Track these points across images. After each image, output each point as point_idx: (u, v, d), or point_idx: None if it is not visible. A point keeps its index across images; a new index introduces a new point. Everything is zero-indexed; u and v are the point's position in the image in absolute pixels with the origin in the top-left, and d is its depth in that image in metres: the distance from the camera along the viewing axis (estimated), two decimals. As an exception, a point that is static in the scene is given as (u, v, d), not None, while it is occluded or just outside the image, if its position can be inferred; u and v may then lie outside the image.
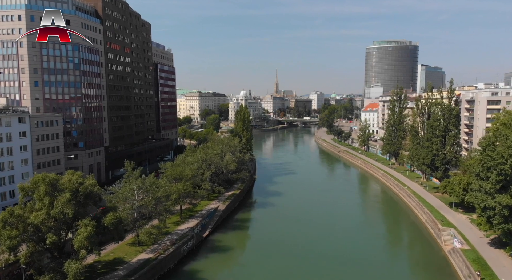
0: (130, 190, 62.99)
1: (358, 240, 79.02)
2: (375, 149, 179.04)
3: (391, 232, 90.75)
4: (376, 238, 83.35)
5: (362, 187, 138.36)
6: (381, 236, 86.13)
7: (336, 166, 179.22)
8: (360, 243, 77.50)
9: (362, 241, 78.91)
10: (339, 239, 79.32)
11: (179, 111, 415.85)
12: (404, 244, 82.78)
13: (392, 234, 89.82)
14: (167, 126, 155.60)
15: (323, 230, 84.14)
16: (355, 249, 74.51)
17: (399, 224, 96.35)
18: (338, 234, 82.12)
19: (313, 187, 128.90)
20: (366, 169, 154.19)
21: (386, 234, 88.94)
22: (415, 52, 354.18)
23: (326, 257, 69.02)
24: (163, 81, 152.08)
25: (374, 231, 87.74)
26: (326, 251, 72.63)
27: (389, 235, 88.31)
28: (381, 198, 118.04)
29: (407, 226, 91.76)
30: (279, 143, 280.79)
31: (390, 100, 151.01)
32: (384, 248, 78.65)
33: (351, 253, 71.86)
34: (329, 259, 68.56)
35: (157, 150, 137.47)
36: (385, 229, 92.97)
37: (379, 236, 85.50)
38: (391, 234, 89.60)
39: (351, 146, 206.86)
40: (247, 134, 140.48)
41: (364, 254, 71.17)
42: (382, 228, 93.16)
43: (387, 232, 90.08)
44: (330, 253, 71.29)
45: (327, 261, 67.66)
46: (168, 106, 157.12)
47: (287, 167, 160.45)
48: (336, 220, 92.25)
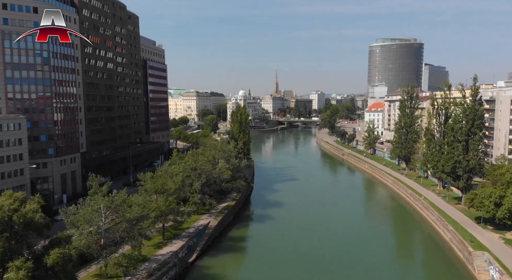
0: (93, 211, 50.75)
1: (372, 263, 66.64)
2: (382, 153, 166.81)
3: (409, 253, 78.33)
4: (393, 260, 71.20)
5: (371, 196, 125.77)
6: (398, 257, 73.98)
7: (341, 171, 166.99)
8: (374, 267, 65.16)
9: (376, 263, 66.60)
10: (350, 263, 66.97)
11: (176, 111, 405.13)
12: (427, 269, 70.19)
13: (411, 255, 77.45)
14: (158, 128, 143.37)
15: (330, 249, 71.90)
16: (369, 274, 62.28)
17: (418, 243, 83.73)
18: (349, 257, 69.73)
19: (317, 195, 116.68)
20: (374, 175, 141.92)
21: (404, 255, 76.54)
22: (420, 50, 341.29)
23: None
24: (153, 79, 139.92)
25: (390, 251, 75.55)
26: (335, 276, 60.53)
27: (408, 257, 75.88)
28: (394, 210, 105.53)
29: (427, 246, 79.14)
30: (279, 144, 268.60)
31: (400, 100, 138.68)
32: (403, 273, 66.32)
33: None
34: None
35: (145, 155, 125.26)
36: (402, 249, 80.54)
37: (396, 257, 73.38)
38: (409, 255, 77.21)
39: (356, 148, 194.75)
40: (245, 137, 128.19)
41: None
42: (399, 248, 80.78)
43: (404, 253, 77.64)
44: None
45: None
46: (158, 106, 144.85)
47: (287, 172, 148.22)
48: (345, 238, 79.85)
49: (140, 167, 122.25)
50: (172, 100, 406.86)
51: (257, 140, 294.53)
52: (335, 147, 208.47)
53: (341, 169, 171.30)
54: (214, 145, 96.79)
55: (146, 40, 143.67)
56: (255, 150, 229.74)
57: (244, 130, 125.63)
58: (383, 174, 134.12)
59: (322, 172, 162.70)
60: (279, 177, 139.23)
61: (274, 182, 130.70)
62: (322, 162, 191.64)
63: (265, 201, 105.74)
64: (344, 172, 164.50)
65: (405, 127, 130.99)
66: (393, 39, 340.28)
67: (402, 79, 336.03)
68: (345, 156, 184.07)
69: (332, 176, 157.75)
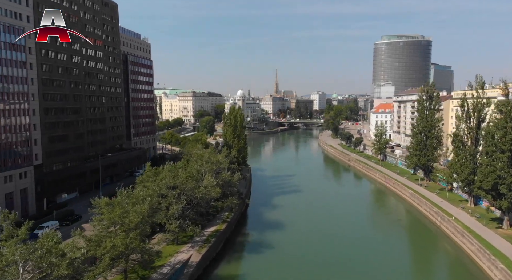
0: (4, 266, 33.80)
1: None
2: (394, 159, 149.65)
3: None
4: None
5: (388, 213, 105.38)
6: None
7: (349, 180, 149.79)
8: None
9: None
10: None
11: (171, 112, 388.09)
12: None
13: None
14: (142, 132, 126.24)
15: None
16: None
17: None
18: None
19: (323, 212, 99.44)
20: (387, 185, 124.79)
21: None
22: (428, 48, 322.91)
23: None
24: (137, 77, 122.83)
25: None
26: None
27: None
28: (421, 235, 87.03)
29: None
30: (279, 148, 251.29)
31: (418, 100, 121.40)
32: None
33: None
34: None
35: (124, 164, 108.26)
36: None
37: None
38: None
39: (363, 153, 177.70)
40: (240, 143, 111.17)
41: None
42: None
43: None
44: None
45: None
46: (143, 107, 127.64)
47: (289, 182, 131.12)
48: (363, 275, 62.65)
49: (119, 178, 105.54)
50: (168, 101, 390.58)
51: (255, 143, 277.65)
52: (340, 152, 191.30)
53: (349, 177, 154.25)
54: (200, 156, 79.49)
55: (129, 32, 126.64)
56: (253, 155, 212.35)
57: (239, 135, 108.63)
58: (398, 185, 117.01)
59: (328, 182, 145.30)
60: (279, 188, 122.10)
61: (274, 195, 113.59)
62: (326, 169, 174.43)
63: (263, 221, 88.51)
64: (352, 182, 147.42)
65: (424, 132, 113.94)
66: (400, 36, 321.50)
67: (409, 78, 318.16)
68: (352, 162, 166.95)
69: (339, 186, 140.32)
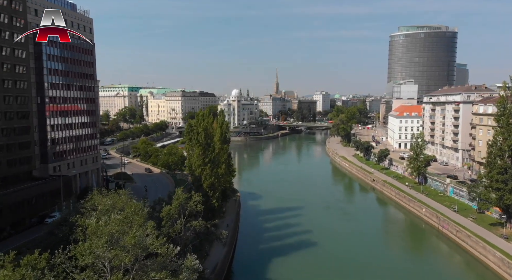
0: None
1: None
2: (442, 185, 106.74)
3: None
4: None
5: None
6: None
7: (378, 217, 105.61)
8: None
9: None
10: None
11: (158, 114, 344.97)
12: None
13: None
14: (71, 149, 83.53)
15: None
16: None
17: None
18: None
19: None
20: (443, 231, 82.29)
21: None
22: (453, 41, 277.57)
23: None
24: (60, 66, 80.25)
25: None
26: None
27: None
28: None
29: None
30: (279, 159, 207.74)
31: (497, 104, 77.75)
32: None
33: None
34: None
35: (28, 205, 65.97)
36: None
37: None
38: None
39: (390, 171, 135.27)
40: (218, 169, 68.36)
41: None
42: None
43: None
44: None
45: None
46: (73, 112, 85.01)
47: (292, 221, 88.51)
48: None
49: (20, 228, 63.98)
50: (154, 101, 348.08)
51: (252, 151, 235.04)
52: (357, 167, 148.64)
53: (379, 212, 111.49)
54: (98, 230, 35.47)
55: (57, 1, 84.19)
56: (245, 170, 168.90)
57: (214, 159, 65.64)
58: (466, 235, 74.23)
59: (350, 221, 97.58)
60: (278, 234, 79.72)
61: (271, 248, 71.50)
62: (345, 197, 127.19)
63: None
64: (383, 220, 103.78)
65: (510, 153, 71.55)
66: (420, 27, 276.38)
67: (431, 76, 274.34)
68: (377, 184, 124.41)
69: (367, 228, 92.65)
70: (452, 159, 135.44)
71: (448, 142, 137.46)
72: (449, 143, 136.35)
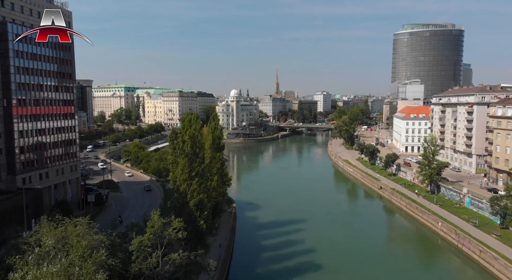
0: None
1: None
2: (457, 195, 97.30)
3: None
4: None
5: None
6: None
7: (393, 236, 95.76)
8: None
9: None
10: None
11: (155, 115, 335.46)
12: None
13: None
14: (44, 158, 74.32)
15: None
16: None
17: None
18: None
19: None
20: (464, 250, 73.08)
21: None
22: (460, 39, 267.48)
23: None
24: (32, 63, 71.01)
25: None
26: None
27: None
28: None
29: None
30: (280, 163, 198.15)
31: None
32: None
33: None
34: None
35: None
36: None
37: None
38: None
39: (398, 177, 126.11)
40: (211, 182, 59.00)
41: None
42: None
43: None
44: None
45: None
46: (47, 115, 75.78)
47: (295, 237, 79.30)
48: None
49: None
50: (151, 102, 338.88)
51: (251, 154, 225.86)
52: (362, 173, 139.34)
53: (388, 225, 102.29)
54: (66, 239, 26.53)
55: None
56: (243, 176, 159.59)
57: (203, 172, 56.35)
58: (500, 263, 64.49)
59: (357, 237, 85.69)
60: (278, 255, 70.55)
61: (270, 273, 62.35)
62: (352, 207, 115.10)
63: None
64: (395, 235, 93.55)
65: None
66: (425, 24, 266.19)
67: (437, 75, 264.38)
68: (385, 192, 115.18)
69: (377, 246, 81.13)
70: (465, 164, 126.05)
71: (460, 146, 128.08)
72: (461, 148, 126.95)
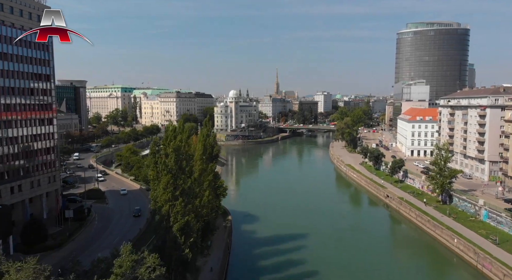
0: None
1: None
2: (471, 207, 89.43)
3: None
4: None
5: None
6: None
7: (404, 253, 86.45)
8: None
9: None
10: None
11: (152, 116, 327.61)
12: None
13: None
14: (16, 169, 66.67)
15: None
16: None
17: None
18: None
19: None
20: (486, 272, 65.44)
21: None
22: (465, 39, 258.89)
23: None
24: (0, 64, 63.37)
25: None
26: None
27: None
28: None
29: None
30: (280, 167, 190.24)
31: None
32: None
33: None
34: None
35: None
36: None
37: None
38: None
39: (406, 185, 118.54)
40: (188, 216, 51.09)
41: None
42: None
43: None
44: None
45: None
46: (20, 122, 68.07)
47: (296, 256, 71.56)
48: None
49: None
50: (148, 102, 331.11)
51: (250, 157, 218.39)
52: (367, 179, 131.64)
53: (397, 241, 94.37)
54: None
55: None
56: (241, 181, 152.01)
57: (191, 192, 48.53)
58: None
59: (365, 255, 77.20)
60: (278, 278, 62.95)
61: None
62: (355, 221, 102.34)
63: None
64: (406, 253, 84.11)
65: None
66: (430, 23, 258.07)
67: (442, 76, 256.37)
68: (394, 202, 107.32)
69: (388, 266, 72.99)
70: (476, 171, 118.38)
71: (471, 151, 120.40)
72: (472, 153, 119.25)
